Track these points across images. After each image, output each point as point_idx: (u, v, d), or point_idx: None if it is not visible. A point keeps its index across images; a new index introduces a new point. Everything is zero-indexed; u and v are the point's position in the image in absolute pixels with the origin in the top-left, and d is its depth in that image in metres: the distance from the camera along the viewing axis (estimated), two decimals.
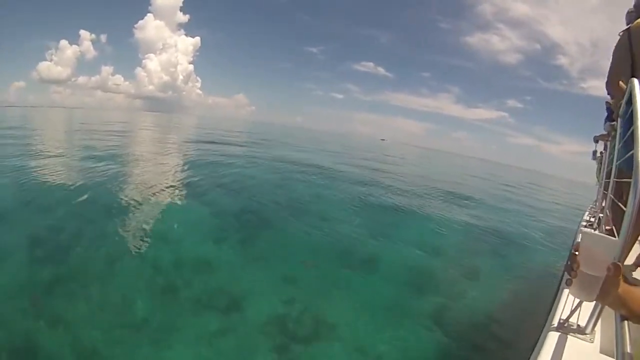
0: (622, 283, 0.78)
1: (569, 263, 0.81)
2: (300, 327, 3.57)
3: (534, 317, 3.38)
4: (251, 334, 3.47)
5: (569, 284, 0.80)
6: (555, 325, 1.45)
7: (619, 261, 1.54)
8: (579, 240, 0.80)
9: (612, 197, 2.69)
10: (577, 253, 0.79)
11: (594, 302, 1.31)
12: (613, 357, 1.28)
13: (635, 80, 1.77)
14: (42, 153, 11.17)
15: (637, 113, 1.49)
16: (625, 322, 0.96)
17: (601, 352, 1.34)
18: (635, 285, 0.90)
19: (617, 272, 0.76)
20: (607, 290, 0.78)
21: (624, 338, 0.96)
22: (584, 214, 5.19)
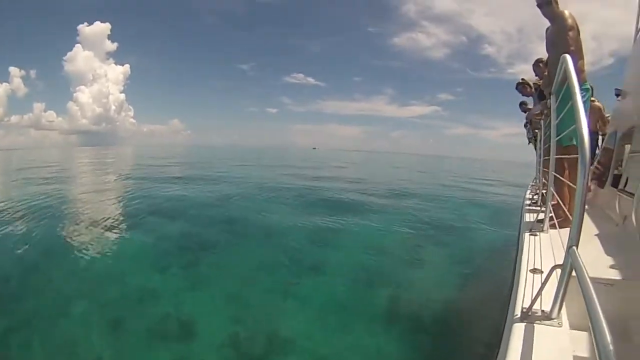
0: None
1: None
2: (255, 345, 3.35)
3: (493, 304, 3.29)
4: (206, 358, 3.24)
5: None
6: (519, 315, 1.39)
7: (573, 245, 1.36)
8: None
9: (555, 173, 2.66)
10: None
11: (556, 285, 1.29)
12: (586, 332, 1.27)
13: (567, 56, 1.70)
14: None
15: (573, 88, 1.45)
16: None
17: (572, 334, 1.29)
18: None
19: None
20: None
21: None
22: (525, 193, 5.10)
